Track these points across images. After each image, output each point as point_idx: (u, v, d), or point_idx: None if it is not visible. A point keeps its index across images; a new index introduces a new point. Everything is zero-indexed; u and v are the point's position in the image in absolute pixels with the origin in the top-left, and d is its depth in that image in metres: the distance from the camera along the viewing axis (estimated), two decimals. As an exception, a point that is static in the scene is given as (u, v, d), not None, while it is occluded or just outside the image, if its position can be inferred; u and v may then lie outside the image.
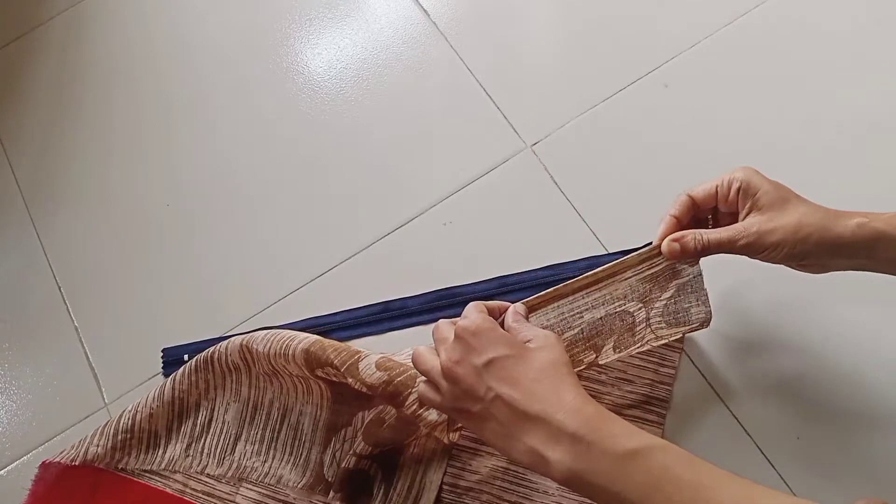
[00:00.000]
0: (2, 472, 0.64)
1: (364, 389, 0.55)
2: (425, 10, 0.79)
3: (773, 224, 0.48)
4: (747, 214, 0.50)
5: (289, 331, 0.59)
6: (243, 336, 0.60)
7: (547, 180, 0.69)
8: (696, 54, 0.72)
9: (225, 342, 0.61)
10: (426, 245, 0.68)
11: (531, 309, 0.53)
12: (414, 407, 0.53)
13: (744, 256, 0.51)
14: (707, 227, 0.54)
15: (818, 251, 0.48)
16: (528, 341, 0.45)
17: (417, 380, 0.53)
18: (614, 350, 0.55)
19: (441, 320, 0.48)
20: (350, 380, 0.55)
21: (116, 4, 0.86)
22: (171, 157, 0.76)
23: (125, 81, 0.81)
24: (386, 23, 0.80)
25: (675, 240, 0.51)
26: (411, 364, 0.50)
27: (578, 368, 0.55)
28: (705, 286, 0.55)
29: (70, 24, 0.86)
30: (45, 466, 0.60)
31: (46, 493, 0.59)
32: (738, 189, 0.50)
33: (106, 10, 0.86)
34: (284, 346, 0.57)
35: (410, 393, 0.53)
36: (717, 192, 0.52)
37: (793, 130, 0.68)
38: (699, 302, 0.56)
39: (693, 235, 0.51)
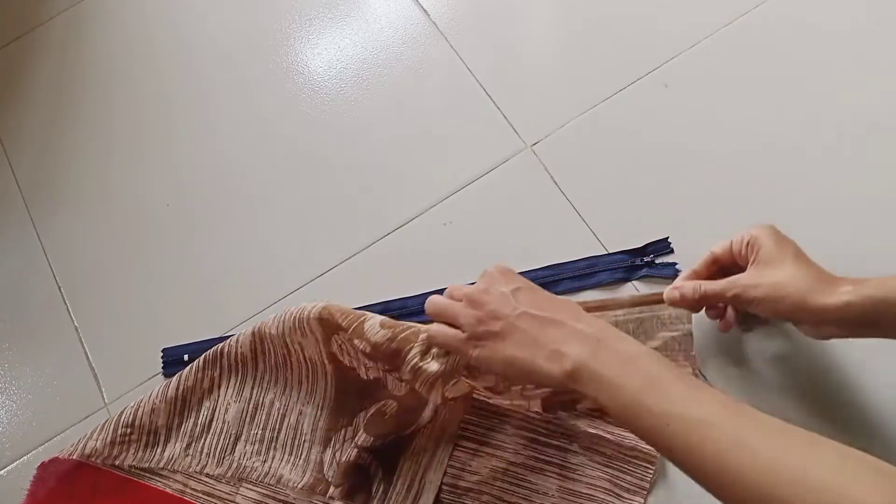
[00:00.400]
0: (2, 472, 0.64)
1: (368, 349, 0.55)
2: (425, 10, 0.79)
3: (758, 280, 0.51)
4: (749, 268, 0.53)
5: (295, 305, 0.59)
6: (255, 325, 0.61)
7: (547, 180, 0.69)
8: (696, 54, 0.72)
9: (235, 335, 0.61)
10: (426, 245, 0.68)
11: None
12: (415, 361, 0.53)
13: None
14: None
15: (800, 315, 0.50)
16: None
17: (421, 335, 0.54)
18: None
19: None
20: (356, 341, 0.55)
21: (116, 4, 0.86)
22: (171, 157, 0.76)
23: (125, 81, 0.81)
24: (386, 23, 0.80)
25: (675, 287, 0.55)
26: (412, 325, 0.54)
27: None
28: (693, 350, 0.59)
29: (70, 24, 0.86)
30: (43, 467, 0.60)
31: (47, 494, 0.59)
32: (748, 244, 0.53)
33: (106, 10, 0.86)
34: (297, 319, 0.58)
35: (412, 347, 0.53)
36: (731, 246, 0.54)
37: (793, 130, 0.68)
38: (686, 359, 0.59)
39: (692, 285, 0.54)
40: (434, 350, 0.53)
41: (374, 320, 0.55)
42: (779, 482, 0.36)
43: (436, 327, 0.51)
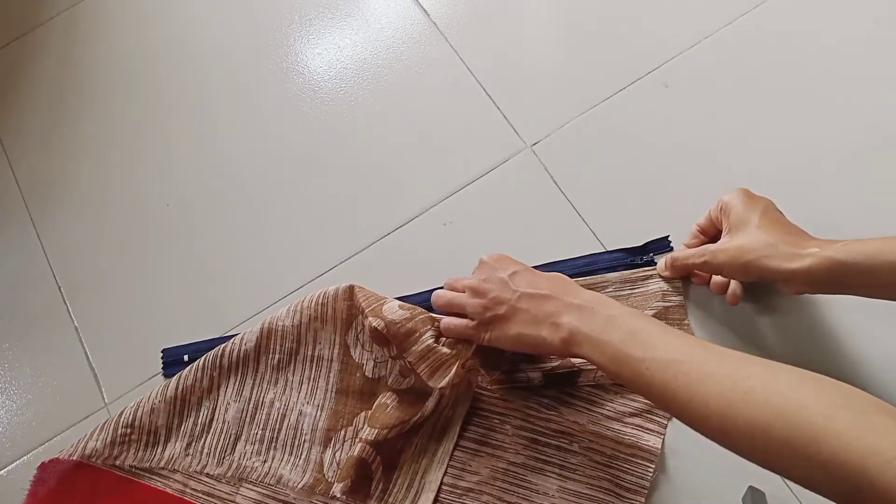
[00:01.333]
0: (2, 472, 0.64)
1: (382, 326, 0.57)
2: (425, 10, 0.79)
3: (725, 245, 0.54)
4: (722, 234, 0.57)
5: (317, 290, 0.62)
6: (265, 320, 0.62)
7: (547, 180, 0.69)
8: (695, 54, 0.72)
9: (241, 333, 0.62)
10: (426, 245, 0.68)
11: None
12: (430, 342, 0.56)
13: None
14: None
15: (767, 277, 0.53)
16: None
17: (434, 323, 0.57)
18: None
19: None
20: (371, 318, 0.57)
21: (116, 4, 0.86)
22: (171, 157, 0.76)
23: (125, 81, 0.81)
24: (386, 23, 0.80)
25: (665, 258, 0.62)
26: (429, 313, 0.59)
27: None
28: (687, 319, 0.61)
29: (70, 24, 0.86)
30: (43, 467, 0.60)
31: (47, 494, 0.59)
32: (721, 209, 0.57)
33: (106, 10, 0.86)
34: (320, 303, 0.61)
35: (429, 330, 0.57)
36: (710, 215, 0.58)
37: (792, 130, 0.68)
38: (679, 329, 0.60)
39: (672, 254, 0.60)
40: (446, 340, 0.57)
41: (394, 303, 0.58)
42: (738, 401, 0.39)
43: (447, 320, 0.56)
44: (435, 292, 0.59)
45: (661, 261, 0.62)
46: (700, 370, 0.42)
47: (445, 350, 0.56)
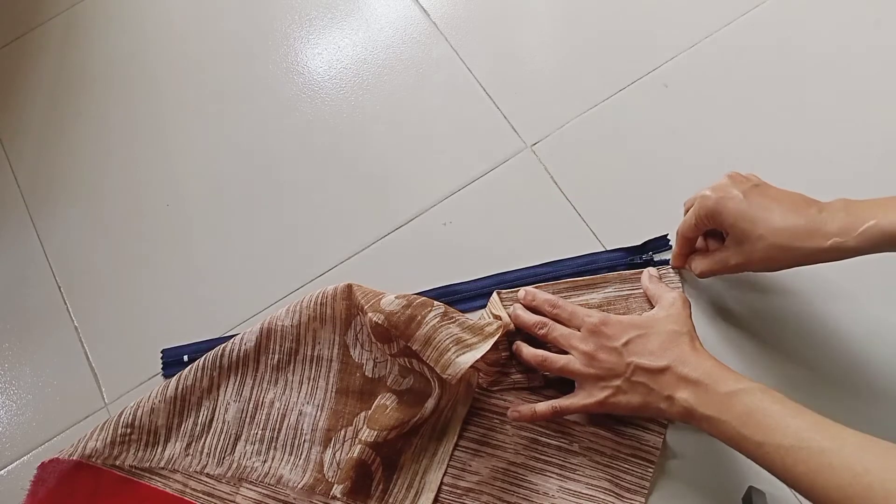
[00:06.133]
0: (2, 472, 0.64)
1: (382, 320, 0.56)
2: (425, 10, 0.79)
3: (746, 259, 0.53)
4: (729, 242, 0.55)
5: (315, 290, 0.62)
6: (264, 320, 0.62)
7: (547, 180, 0.69)
8: (695, 54, 0.72)
9: (241, 333, 0.62)
10: (426, 245, 0.68)
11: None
12: (436, 321, 0.55)
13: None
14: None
15: (789, 266, 0.54)
16: (657, 303, 0.57)
17: (434, 304, 0.57)
18: None
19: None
20: (371, 314, 0.57)
21: (116, 5, 0.86)
22: (170, 157, 0.76)
23: (125, 81, 0.81)
24: (386, 23, 0.80)
25: (688, 267, 0.61)
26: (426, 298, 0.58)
27: None
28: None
29: (70, 25, 0.86)
30: (43, 467, 0.60)
31: (47, 494, 0.59)
32: (704, 218, 0.55)
33: (105, 11, 0.86)
34: (319, 303, 0.61)
35: (430, 311, 0.56)
36: (693, 228, 0.57)
37: (793, 130, 0.68)
38: None
39: (697, 263, 0.59)
40: (458, 317, 0.56)
41: (391, 296, 0.58)
42: (857, 496, 0.40)
43: (569, 403, 0.55)
44: (529, 351, 0.58)
45: (695, 264, 0.59)
46: (818, 460, 0.43)
47: (453, 331, 0.55)
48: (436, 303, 0.58)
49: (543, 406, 0.56)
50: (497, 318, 0.60)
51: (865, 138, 0.67)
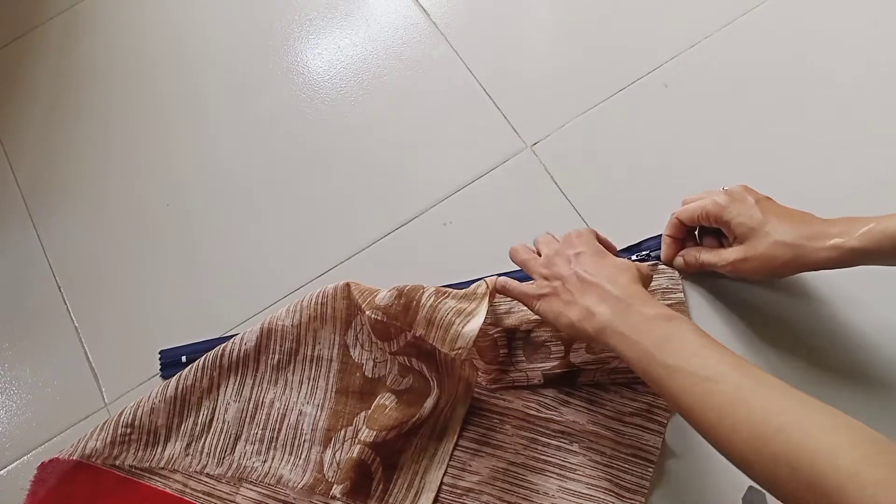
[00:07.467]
0: (2, 472, 0.64)
1: (380, 315, 0.56)
2: (425, 10, 0.79)
3: (746, 255, 0.55)
4: (731, 241, 0.57)
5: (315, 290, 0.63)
6: (265, 320, 0.62)
7: (547, 180, 0.69)
8: (695, 54, 0.72)
9: (241, 333, 0.62)
10: (426, 245, 0.68)
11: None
12: (431, 300, 0.55)
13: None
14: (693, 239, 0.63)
15: (794, 272, 0.55)
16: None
17: (425, 287, 0.57)
18: (586, 350, 0.59)
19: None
20: (369, 312, 0.57)
21: (116, 5, 0.86)
22: (170, 157, 0.76)
23: (124, 81, 0.81)
24: (386, 23, 0.80)
25: (680, 255, 0.62)
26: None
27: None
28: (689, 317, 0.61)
29: (70, 24, 0.86)
30: (43, 467, 0.60)
31: (47, 494, 0.59)
32: (711, 217, 0.57)
33: (105, 11, 0.86)
34: (319, 303, 0.61)
35: (423, 293, 0.56)
36: (697, 217, 0.58)
37: (793, 130, 0.68)
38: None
39: (694, 253, 0.60)
40: (450, 291, 0.56)
41: (384, 291, 0.58)
42: (768, 436, 0.39)
43: (514, 283, 0.56)
44: (514, 247, 0.59)
45: (678, 258, 0.62)
46: (733, 395, 0.41)
47: (451, 302, 0.55)
48: (425, 285, 0.58)
49: (501, 281, 0.58)
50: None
51: (867, 138, 0.66)
